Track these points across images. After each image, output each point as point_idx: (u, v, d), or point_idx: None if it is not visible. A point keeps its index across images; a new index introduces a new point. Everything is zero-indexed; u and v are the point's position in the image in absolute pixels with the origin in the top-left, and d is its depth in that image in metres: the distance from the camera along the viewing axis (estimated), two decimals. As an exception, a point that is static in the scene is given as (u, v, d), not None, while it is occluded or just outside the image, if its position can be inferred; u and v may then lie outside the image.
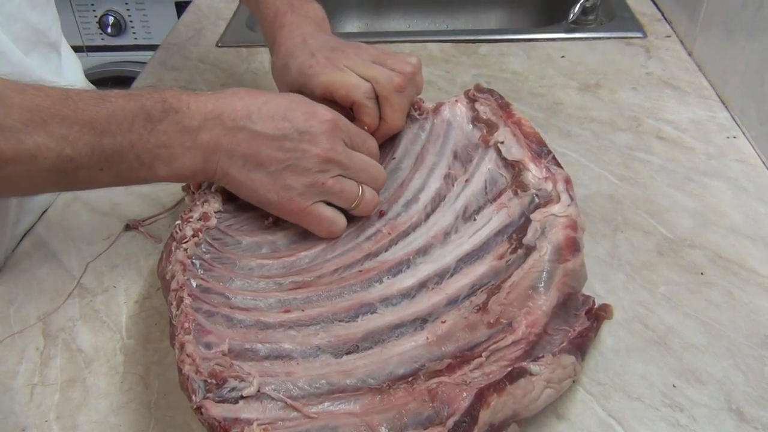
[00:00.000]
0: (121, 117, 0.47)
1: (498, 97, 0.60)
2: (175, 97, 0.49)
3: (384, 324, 0.46)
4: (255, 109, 0.51)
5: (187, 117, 0.49)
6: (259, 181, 0.52)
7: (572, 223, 0.49)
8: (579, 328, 0.45)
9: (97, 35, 1.53)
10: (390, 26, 1.16)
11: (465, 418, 0.38)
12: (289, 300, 0.48)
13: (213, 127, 0.50)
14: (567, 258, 0.47)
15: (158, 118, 0.48)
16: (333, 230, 0.54)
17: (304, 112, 0.52)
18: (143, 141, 0.48)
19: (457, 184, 0.56)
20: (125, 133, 0.47)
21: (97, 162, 0.47)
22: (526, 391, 0.40)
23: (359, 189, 0.54)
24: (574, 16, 0.92)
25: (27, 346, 0.52)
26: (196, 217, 0.52)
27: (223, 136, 0.50)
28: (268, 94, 0.53)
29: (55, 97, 0.46)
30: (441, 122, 0.61)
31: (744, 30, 0.72)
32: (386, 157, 0.61)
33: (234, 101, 0.51)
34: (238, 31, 0.98)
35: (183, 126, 0.49)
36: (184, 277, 0.47)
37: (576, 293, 0.47)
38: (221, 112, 0.50)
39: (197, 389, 0.40)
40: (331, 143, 0.52)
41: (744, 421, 0.44)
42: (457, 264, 0.50)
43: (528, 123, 0.57)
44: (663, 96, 0.77)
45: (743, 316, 0.50)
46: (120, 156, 0.47)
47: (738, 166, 0.66)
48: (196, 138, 0.49)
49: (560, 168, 0.53)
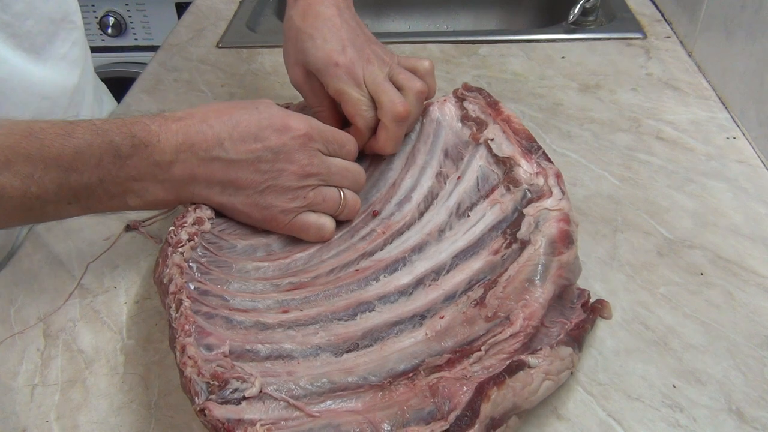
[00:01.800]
0: (88, 154, 0.46)
1: (486, 95, 0.60)
2: (144, 131, 0.48)
3: (383, 321, 0.47)
4: (226, 136, 0.50)
5: (158, 151, 0.48)
6: (240, 203, 0.52)
7: (565, 217, 0.49)
8: (576, 320, 0.46)
9: (98, 36, 1.53)
10: (390, 27, 1.17)
11: (466, 412, 0.39)
12: (287, 300, 0.49)
13: (185, 159, 0.49)
14: (561, 251, 0.47)
15: (127, 153, 0.47)
16: (322, 235, 0.54)
17: (276, 129, 0.51)
18: (112, 176, 0.47)
19: (449, 181, 0.57)
20: (93, 169, 0.46)
21: (65, 197, 0.47)
22: (526, 384, 0.41)
23: (341, 194, 0.54)
24: (574, 16, 0.92)
25: (27, 346, 0.52)
26: (191, 221, 0.52)
27: (197, 168, 0.50)
28: (237, 112, 0.51)
29: (19, 134, 0.45)
30: (430, 122, 0.61)
31: (744, 31, 0.72)
32: (375, 158, 0.61)
33: (203, 129, 0.50)
34: (238, 31, 0.98)
35: (154, 160, 0.48)
36: (182, 279, 0.47)
37: (571, 286, 0.48)
38: (192, 143, 0.49)
39: (200, 391, 0.40)
40: (308, 158, 0.52)
41: (744, 421, 0.44)
42: (452, 260, 0.51)
43: (517, 120, 0.57)
44: (663, 97, 0.77)
45: (743, 317, 0.51)
46: (88, 191, 0.47)
47: (738, 166, 0.66)
48: (168, 171, 0.49)
49: (551, 163, 0.54)
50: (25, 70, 0.62)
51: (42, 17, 0.64)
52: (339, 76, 0.57)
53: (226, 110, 0.51)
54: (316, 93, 0.60)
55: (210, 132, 0.50)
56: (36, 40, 0.63)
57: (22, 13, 0.61)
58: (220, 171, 0.50)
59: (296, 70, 0.61)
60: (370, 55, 0.58)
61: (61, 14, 0.67)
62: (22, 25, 0.62)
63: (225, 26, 1.00)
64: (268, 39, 0.96)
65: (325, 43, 0.57)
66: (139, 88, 0.86)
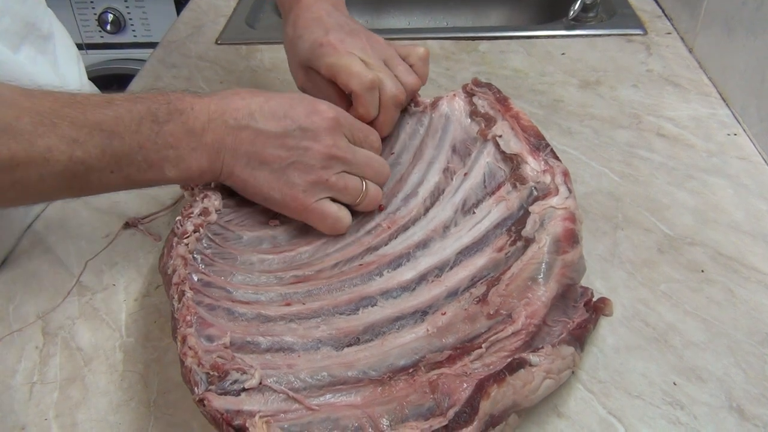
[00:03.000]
0: (128, 119, 0.47)
1: (496, 91, 0.60)
2: (179, 99, 0.50)
3: (384, 316, 0.47)
4: (257, 107, 0.51)
5: (191, 118, 0.49)
6: (263, 178, 0.52)
7: (570, 215, 0.49)
8: (578, 320, 0.46)
9: (97, 33, 1.52)
10: (390, 23, 1.16)
11: (465, 408, 0.39)
12: (290, 294, 0.49)
13: (216, 126, 0.50)
14: (566, 250, 0.47)
15: (164, 119, 0.48)
16: (338, 227, 0.54)
17: (306, 109, 0.52)
18: (151, 142, 0.48)
19: (455, 177, 0.57)
20: (133, 134, 0.47)
21: (108, 164, 0.47)
22: (526, 382, 0.41)
23: (363, 185, 0.54)
24: (574, 13, 0.92)
25: (26, 344, 0.52)
26: (197, 212, 0.52)
27: (227, 135, 0.50)
28: (269, 93, 0.53)
29: (63, 101, 0.46)
30: (439, 117, 0.61)
31: (744, 27, 0.72)
32: (384, 152, 0.61)
33: (236, 100, 0.51)
34: (237, 28, 0.98)
35: (188, 127, 0.49)
36: (186, 271, 0.47)
37: (575, 285, 0.48)
38: (224, 111, 0.51)
39: (199, 382, 0.40)
40: (334, 140, 0.52)
41: (744, 418, 0.44)
42: (456, 257, 0.50)
43: (526, 117, 0.57)
44: (663, 93, 0.77)
45: (744, 314, 0.50)
46: (129, 158, 0.48)
47: (739, 163, 0.66)
48: (201, 139, 0.50)
49: (558, 161, 0.53)
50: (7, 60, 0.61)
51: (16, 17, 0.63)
52: (326, 53, 0.58)
53: (258, 90, 0.53)
54: (320, 88, 0.60)
55: (242, 102, 0.51)
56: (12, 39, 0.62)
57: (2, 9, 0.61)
58: (247, 140, 0.51)
59: (298, 74, 0.62)
60: (360, 36, 0.59)
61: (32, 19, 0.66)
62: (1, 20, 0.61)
63: (224, 23, 0.99)
64: (267, 35, 0.95)
65: (311, 34, 0.59)
66: (137, 84, 0.85)
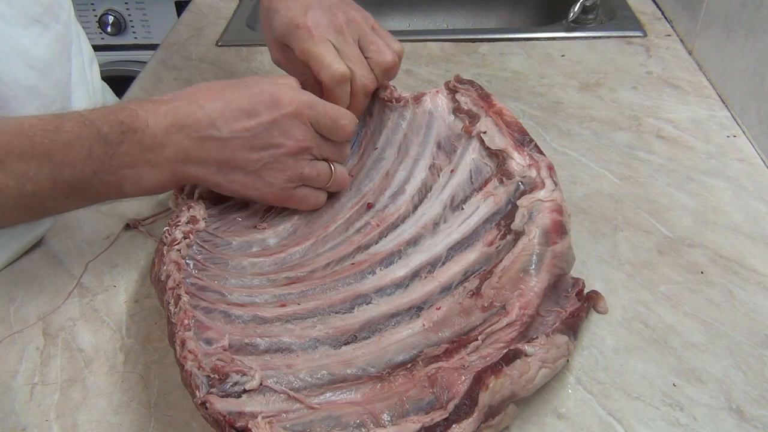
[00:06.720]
0: (78, 146, 0.46)
1: (478, 88, 0.61)
2: (132, 117, 0.48)
3: (380, 313, 0.47)
4: (217, 115, 0.50)
5: (147, 135, 0.48)
6: (239, 181, 0.52)
7: (558, 207, 0.50)
8: (570, 309, 0.47)
9: (97, 35, 1.52)
10: (390, 25, 1.16)
11: (465, 401, 0.39)
12: (285, 295, 0.49)
13: (178, 140, 0.49)
14: (555, 240, 0.48)
15: (117, 140, 0.47)
16: (318, 204, 0.57)
17: (268, 104, 0.51)
18: (105, 165, 0.47)
19: (442, 174, 0.57)
20: (85, 160, 0.46)
21: (61, 192, 0.47)
22: (523, 372, 0.42)
23: (331, 167, 0.55)
24: (574, 15, 0.92)
25: (27, 345, 0.52)
26: (185, 220, 0.52)
27: (191, 148, 0.50)
28: (227, 90, 0.51)
29: (10, 133, 0.45)
30: (423, 113, 0.61)
31: (744, 29, 0.72)
32: (367, 147, 0.62)
33: (194, 109, 0.50)
34: (237, 30, 0.98)
35: (144, 145, 0.48)
36: (180, 275, 0.47)
37: (565, 275, 0.49)
38: (183, 125, 0.49)
39: (200, 385, 0.40)
40: (302, 132, 0.52)
41: (744, 420, 0.44)
42: (448, 252, 0.51)
43: (509, 112, 0.58)
44: (663, 95, 0.77)
45: (743, 315, 0.50)
46: (83, 184, 0.47)
47: (738, 165, 0.66)
48: (160, 153, 0.49)
49: (542, 155, 0.54)
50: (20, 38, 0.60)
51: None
52: (302, 37, 0.57)
53: (215, 90, 0.51)
54: (294, 65, 0.60)
55: (201, 112, 0.50)
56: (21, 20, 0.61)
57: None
58: (214, 150, 0.50)
59: (272, 47, 0.61)
60: (340, 18, 0.58)
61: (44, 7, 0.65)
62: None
63: (224, 25, 1.00)
64: (267, 37, 0.95)
65: (288, 11, 0.58)
66: (138, 86, 0.86)
